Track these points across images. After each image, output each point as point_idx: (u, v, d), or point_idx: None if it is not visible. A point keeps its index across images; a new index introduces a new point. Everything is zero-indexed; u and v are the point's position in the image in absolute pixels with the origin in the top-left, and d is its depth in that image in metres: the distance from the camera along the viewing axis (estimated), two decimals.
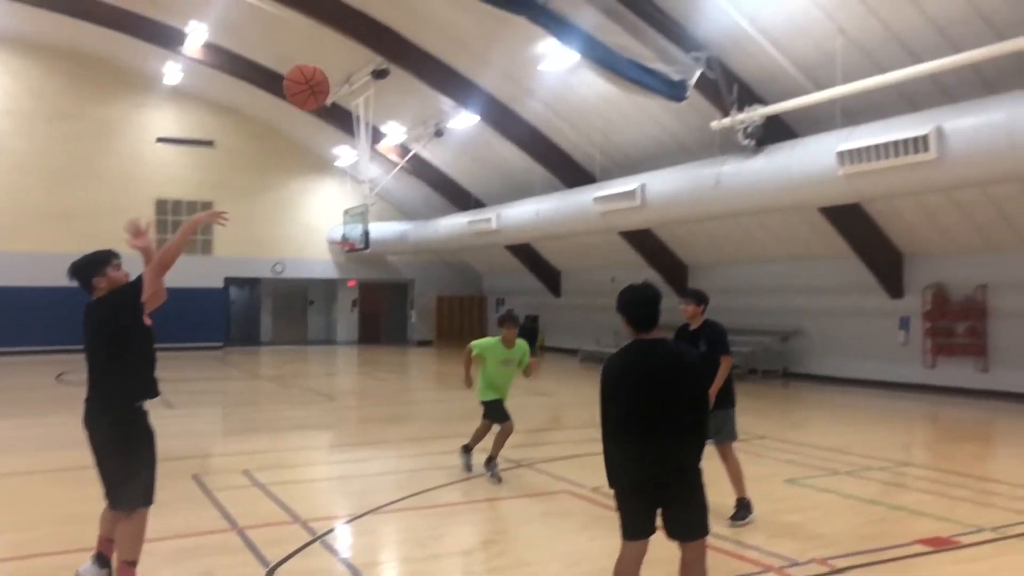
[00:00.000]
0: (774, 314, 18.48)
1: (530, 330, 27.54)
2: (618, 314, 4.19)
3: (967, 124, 10.74)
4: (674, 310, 6.75)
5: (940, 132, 10.88)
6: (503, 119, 19.75)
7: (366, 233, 24.68)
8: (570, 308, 25.71)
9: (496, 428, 8.27)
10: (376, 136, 22.90)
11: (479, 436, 8.43)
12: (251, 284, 30.34)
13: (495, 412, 8.25)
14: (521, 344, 8.21)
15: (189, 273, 23.04)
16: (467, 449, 8.50)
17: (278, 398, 16.14)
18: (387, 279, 30.68)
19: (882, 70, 12.21)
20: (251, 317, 30.80)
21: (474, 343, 8.29)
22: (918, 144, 11.06)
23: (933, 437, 12.18)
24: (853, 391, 16.19)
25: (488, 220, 22.12)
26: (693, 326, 6.92)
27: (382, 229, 26.26)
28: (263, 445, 10.57)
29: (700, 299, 6.93)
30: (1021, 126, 10.06)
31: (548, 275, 27.04)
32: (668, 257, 21.48)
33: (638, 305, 4.14)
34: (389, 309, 31.61)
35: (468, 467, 8.42)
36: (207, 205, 25.99)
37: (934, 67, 11.13)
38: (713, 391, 6.54)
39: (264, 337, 30.32)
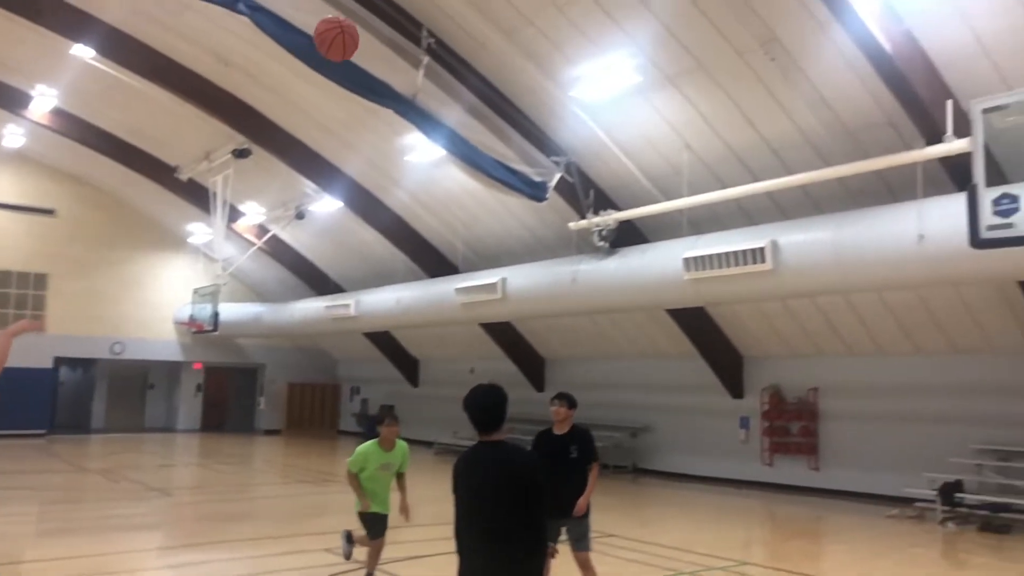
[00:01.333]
0: (625, 410, 18.97)
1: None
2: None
3: (798, 239, 11.66)
4: (533, 404, 6.80)
5: (775, 245, 11.74)
6: (367, 206, 19.76)
7: (216, 314, 23.68)
8: (428, 398, 25.46)
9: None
10: (234, 215, 22.32)
11: (373, 559, 7.66)
12: (85, 365, 28.27)
13: (376, 526, 7.57)
14: (401, 446, 7.63)
15: (11, 351, 21.19)
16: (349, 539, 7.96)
17: (105, 493, 14.84)
18: (236, 363, 29.41)
19: (724, 185, 13.17)
20: (82, 401, 28.49)
21: (351, 461, 7.51)
22: (755, 255, 11.88)
23: (770, 535, 12.69)
24: (698, 487, 16.72)
25: (347, 306, 21.79)
26: (560, 431, 6.85)
27: (234, 310, 25.32)
28: (84, 549, 9.62)
29: (573, 403, 6.93)
30: (844, 244, 11.02)
31: (406, 364, 26.77)
32: (526, 349, 21.79)
33: (474, 408, 4.05)
34: (236, 395, 30.16)
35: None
36: (41, 277, 24.28)
37: (769, 186, 12.13)
38: (586, 499, 6.58)
39: (96, 424, 27.98)
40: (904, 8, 9.77)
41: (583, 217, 14.55)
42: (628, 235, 14.78)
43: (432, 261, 20.34)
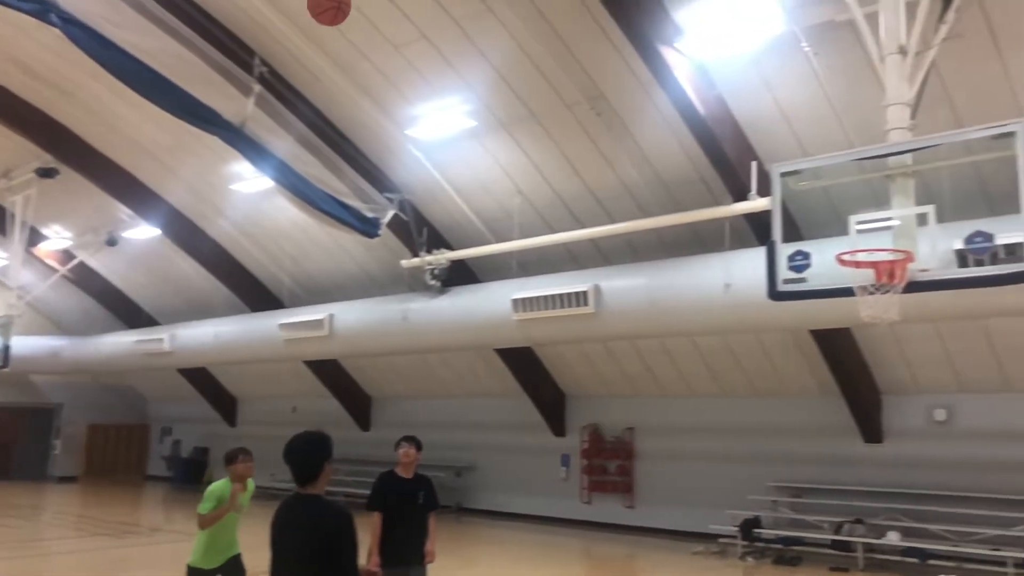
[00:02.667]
0: (450, 449, 18.93)
1: (197, 463, 25.49)
2: None
3: (618, 285, 12.23)
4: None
5: (598, 289, 12.26)
6: (187, 235, 18.80)
7: (6, 348, 21.47)
8: (246, 439, 24.06)
9: None
10: (35, 238, 20.56)
11: None
12: None
13: (236, 571, 6.73)
14: (251, 484, 6.86)
15: None
16: None
17: None
18: (28, 403, 26.67)
19: (552, 230, 13.65)
20: None
21: (204, 507, 6.53)
22: (579, 298, 12.35)
23: (584, 572, 12.99)
24: (521, 526, 16.91)
25: (160, 340, 20.46)
26: (407, 474, 6.58)
27: (29, 344, 23.01)
28: None
29: (420, 446, 6.68)
30: (660, 290, 11.69)
31: (224, 402, 25.45)
32: (352, 388, 21.35)
33: (289, 458, 3.86)
34: (26, 438, 27.18)
35: None
36: None
37: (593, 233, 12.70)
38: (434, 546, 6.43)
39: None
40: (716, 74, 10.62)
41: (416, 255, 14.56)
42: (460, 275, 14.93)
43: (256, 295, 19.58)
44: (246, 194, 16.11)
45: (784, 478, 14.19)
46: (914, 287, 7.03)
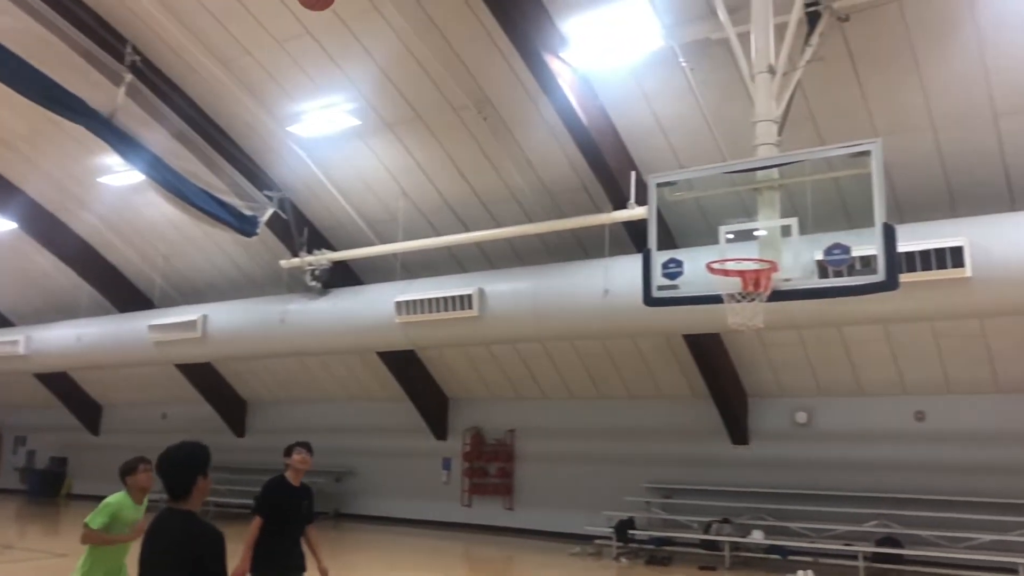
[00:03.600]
0: (329, 454, 18.50)
1: (54, 475, 24.00)
2: None
3: (502, 288, 12.34)
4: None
5: (481, 293, 12.33)
6: (48, 229, 17.68)
7: None
8: (111, 448, 22.83)
9: None
10: None
11: None
12: None
13: None
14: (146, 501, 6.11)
15: None
16: None
17: None
18: None
19: (437, 233, 13.64)
20: None
21: (94, 517, 5.75)
22: (463, 302, 12.39)
23: (463, 575, 12.99)
24: (401, 531, 16.76)
25: (14, 343, 19.11)
26: (296, 482, 6.32)
27: None
28: None
29: (312, 451, 6.56)
30: (542, 295, 11.87)
31: (86, 409, 24.01)
32: (227, 392, 20.61)
33: (159, 470, 3.64)
34: None
35: None
36: None
37: (478, 236, 12.77)
38: (323, 558, 6.26)
39: None
40: (599, 85, 10.89)
41: (295, 255, 14.24)
42: (341, 276, 14.69)
43: (124, 294, 18.61)
44: (115, 188, 15.34)
45: (657, 479, 14.65)
46: (778, 295, 7.39)
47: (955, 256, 8.91)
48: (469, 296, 12.35)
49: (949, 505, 11.83)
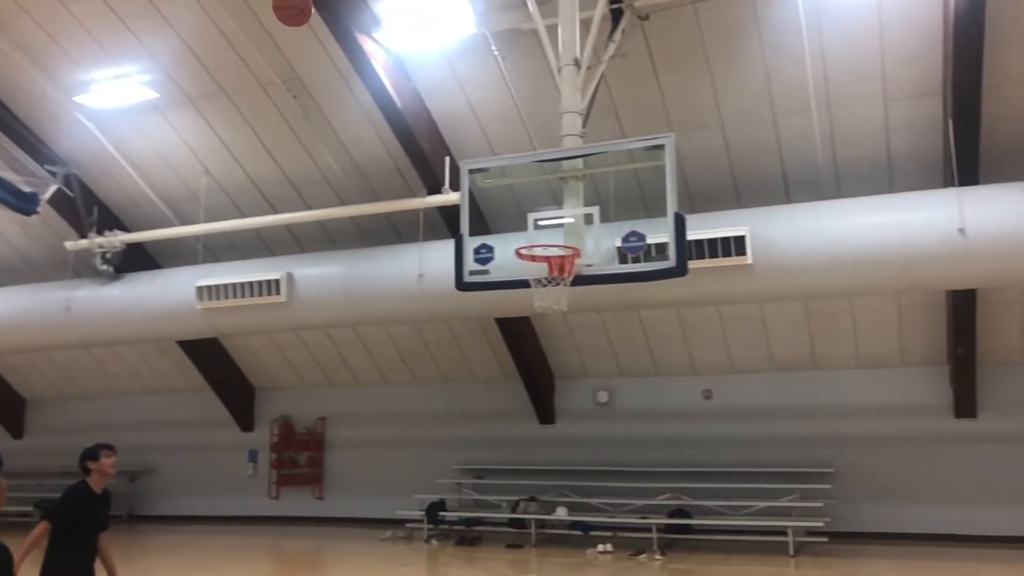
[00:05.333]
0: (124, 452, 17.09)
1: None
2: None
3: (313, 273, 12.06)
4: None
5: (290, 278, 11.99)
6: None
7: None
8: None
9: None
10: None
11: None
12: None
13: None
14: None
15: None
16: None
17: None
18: None
19: (243, 214, 13.09)
20: None
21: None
22: (271, 287, 11.99)
23: (273, 571, 12.63)
24: (204, 529, 15.97)
25: None
26: (97, 488, 5.88)
27: None
28: None
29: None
30: (355, 279, 11.72)
31: None
32: (2, 389, 18.70)
33: None
34: None
35: None
36: None
37: (287, 219, 12.38)
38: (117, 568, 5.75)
39: None
40: (413, 69, 10.87)
41: (84, 237, 13.16)
42: (137, 259, 13.76)
43: None
44: None
45: (469, 461, 14.90)
46: (581, 280, 7.72)
47: (738, 245, 9.70)
48: (277, 281, 11.97)
49: (731, 476, 12.91)
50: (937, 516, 12.17)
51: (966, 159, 9.49)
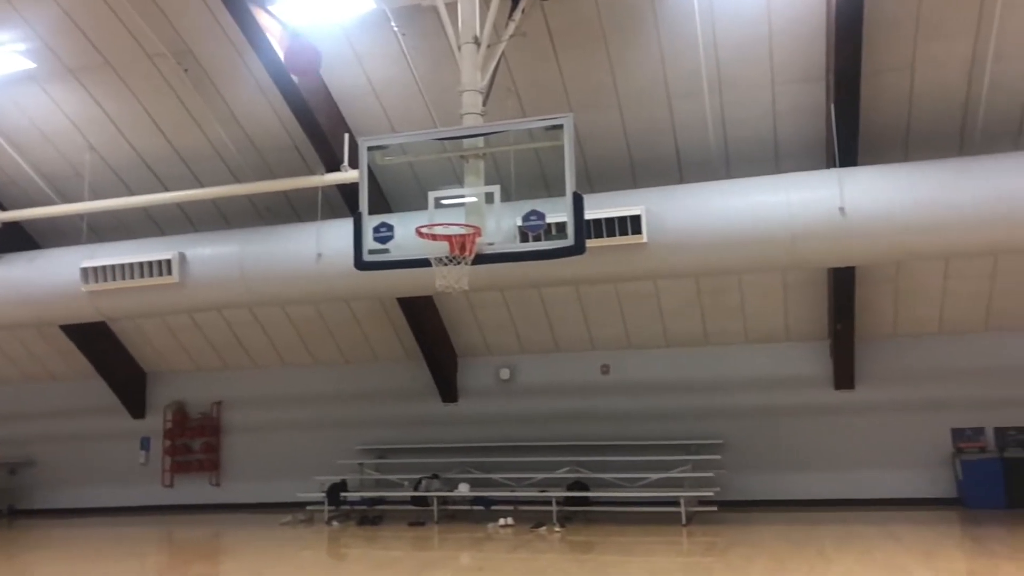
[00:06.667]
0: (3, 444, 16.54)
1: None
2: None
3: (207, 253, 11.69)
4: None
5: (183, 258, 11.60)
6: None
7: None
8: None
9: None
10: None
11: None
12: None
13: None
14: None
15: None
16: None
17: None
18: None
19: (131, 192, 12.57)
20: None
21: None
22: (162, 267, 11.57)
23: (167, 561, 12.24)
24: (92, 521, 15.31)
25: None
26: None
27: None
28: None
29: None
30: (251, 259, 11.43)
31: None
32: None
33: None
34: None
35: None
36: None
37: (179, 196, 11.92)
38: None
39: None
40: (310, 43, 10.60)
41: None
42: (14, 239, 13.03)
43: None
44: None
45: (370, 441, 14.85)
46: (481, 259, 7.78)
47: (634, 224, 9.96)
48: (168, 261, 11.56)
49: (628, 449, 13.32)
50: (818, 482, 12.92)
51: (846, 141, 10.01)
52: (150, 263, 11.63)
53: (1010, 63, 9.74)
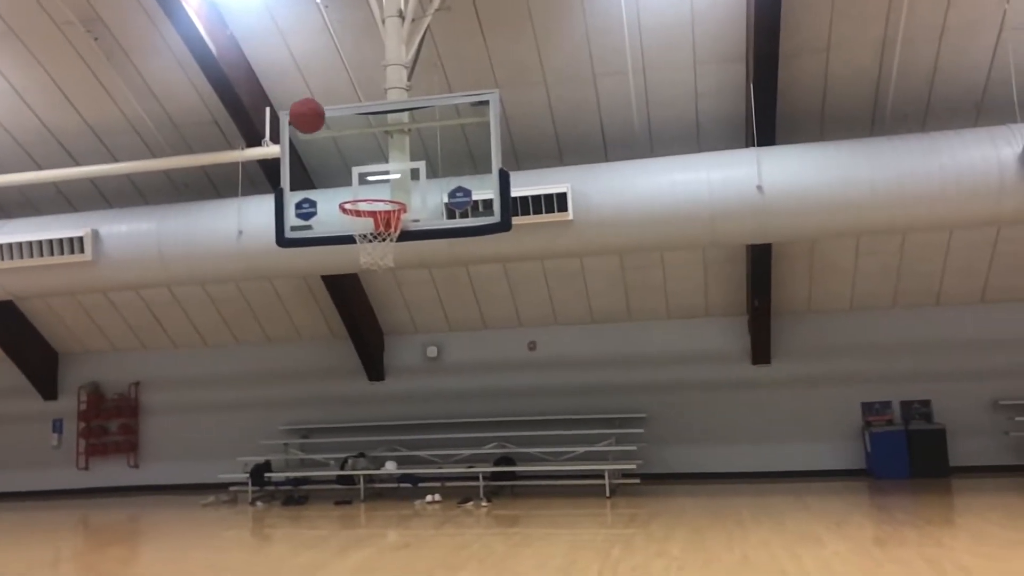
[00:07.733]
0: None
1: None
2: None
3: (122, 230, 11.31)
4: None
5: (96, 235, 11.21)
6: None
7: None
8: None
9: None
10: None
11: None
12: None
13: None
14: None
15: None
16: None
17: None
18: None
19: (39, 167, 12.06)
20: None
21: None
22: (73, 245, 11.17)
23: (83, 546, 11.89)
24: (3, 506, 14.75)
25: None
26: None
27: None
28: None
29: None
30: (168, 236, 11.11)
31: None
32: None
33: None
34: None
35: None
36: None
37: (92, 171, 11.47)
38: None
39: None
40: (230, 15, 10.34)
41: None
42: None
43: None
44: None
45: (295, 421, 14.68)
46: (407, 236, 7.73)
47: (560, 201, 10.05)
48: (80, 238, 11.16)
49: (554, 424, 13.52)
50: (737, 455, 13.34)
51: (765, 121, 10.27)
52: (61, 240, 11.22)
53: (918, 46, 10.13)
